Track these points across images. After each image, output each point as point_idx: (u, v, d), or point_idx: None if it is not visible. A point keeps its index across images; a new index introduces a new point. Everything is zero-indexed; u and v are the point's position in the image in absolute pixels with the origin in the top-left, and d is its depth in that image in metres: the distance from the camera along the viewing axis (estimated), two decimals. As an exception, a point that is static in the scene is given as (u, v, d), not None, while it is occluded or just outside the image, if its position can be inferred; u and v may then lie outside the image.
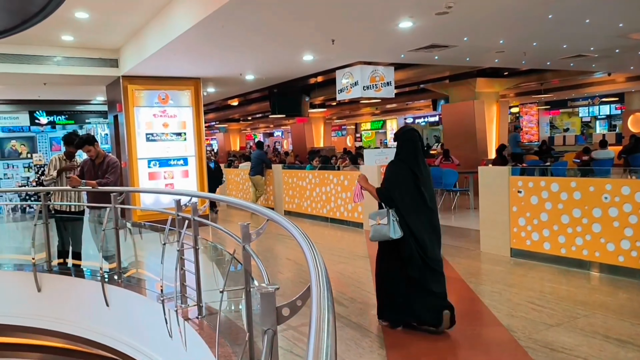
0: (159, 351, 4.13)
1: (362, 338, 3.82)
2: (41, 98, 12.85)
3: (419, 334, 3.88)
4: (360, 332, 3.94)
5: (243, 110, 19.12)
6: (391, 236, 3.76)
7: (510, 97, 18.95)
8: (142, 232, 5.88)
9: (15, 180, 13.58)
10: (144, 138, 9.18)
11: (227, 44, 6.95)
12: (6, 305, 5.63)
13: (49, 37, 7.71)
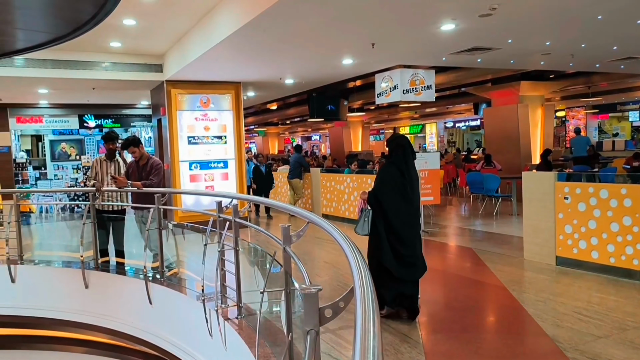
0: (200, 350, 4.20)
1: (400, 343, 3.77)
2: (90, 102, 13.38)
3: (460, 341, 3.80)
4: (398, 338, 3.89)
5: (282, 114, 19.30)
6: (357, 231, 4.34)
7: (556, 100, 18.35)
8: (184, 232, 6.02)
9: (64, 180, 14.18)
10: (185, 141, 9.42)
11: (267, 48, 7.04)
12: (55, 300, 5.86)
13: (99, 44, 8.02)
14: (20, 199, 6.65)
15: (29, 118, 13.47)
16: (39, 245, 7.69)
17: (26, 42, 6.21)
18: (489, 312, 4.88)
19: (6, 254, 6.18)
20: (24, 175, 13.66)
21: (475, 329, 4.17)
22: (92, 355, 6.01)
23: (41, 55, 7.95)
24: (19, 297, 5.96)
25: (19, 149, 14.06)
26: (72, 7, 4.80)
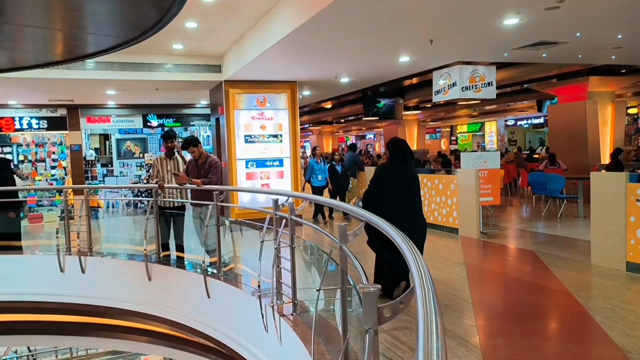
0: (256, 344, 4.28)
1: (457, 347, 3.67)
2: (153, 103, 13.98)
3: (521, 348, 3.65)
4: (455, 341, 3.79)
5: (336, 112, 19.33)
6: None
7: (628, 96, 17.25)
8: (239, 229, 6.16)
9: (129, 177, 14.90)
10: (242, 139, 9.64)
11: (323, 48, 7.07)
12: (121, 291, 6.16)
13: (162, 46, 8.36)
14: (90, 194, 7.04)
15: (98, 118, 14.24)
16: (105, 238, 8.11)
17: (96, 46, 6.54)
18: (553, 318, 4.66)
19: (77, 246, 6.56)
20: (93, 172, 14.47)
21: (538, 335, 3.99)
22: (154, 344, 6.26)
23: (109, 59, 8.38)
24: (89, 287, 6.30)
25: (89, 147, 14.90)
26: (138, 12, 5.01)
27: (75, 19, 5.39)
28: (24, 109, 13.32)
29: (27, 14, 4.75)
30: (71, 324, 6.52)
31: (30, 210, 12.95)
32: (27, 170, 13.85)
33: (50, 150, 14.24)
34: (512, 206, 11.83)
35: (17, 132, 13.63)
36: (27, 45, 6.38)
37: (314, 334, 2.85)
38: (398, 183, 4.79)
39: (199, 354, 5.73)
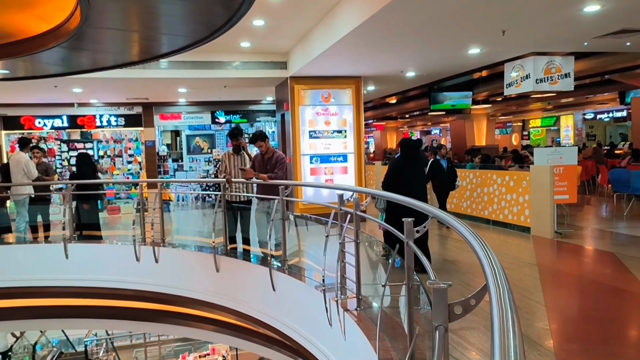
0: (319, 338, 4.31)
1: (529, 350, 3.50)
2: (221, 100, 14.43)
3: (599, 354, 3.42)
4: (527, 344, 3.62)
5: (401, 107, 19.01)
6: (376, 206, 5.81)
7: None
8: (303, 223, 6.22)
9: (197, 172, 15.49)
10: (307, 135, 9.72)
11: (389, 42, 6.97)
12: (190, 281, 6.41)
13: (230, 45, 8.59)
14: (162, 188, 7.38)
15: (170, 115, 14.90)
16: (176, 230, 8.48)
17: (169, 46, 6.83)
18: (636, 324, 4.33)
19: (151, 237, 6.91)
20: (165, 166, 15.19)
21: (619, 342, 3.73)
22: (221, 334, 6.47)
23: (181, 58, 8.71)
24: (161, 276, 6.61)
25: (162, 143, 15.64)
26: (210, 12, 5.17)
27: (150, 21, 5.65)
28: (104, 107, 14.19)
29: (108, 17, 5.04)
30: (145, 310, 6.87)
31: (109, 202, 13.82)
32: (106, 165, 14.78)
33: (127, 146, 15.10)
34: (590, 205, 11.12)
35: (98, 129, 14.56)
36: (107, 46, 6.77)
37: (379, 330, 2.81)
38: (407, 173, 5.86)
39: (263, 345, 5.85)
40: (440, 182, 8.88)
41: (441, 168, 8.84)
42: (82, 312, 7.10)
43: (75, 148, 14.46)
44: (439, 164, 8.86)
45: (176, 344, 14.06)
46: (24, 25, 5.72)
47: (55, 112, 13.85)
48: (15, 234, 8.09)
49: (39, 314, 7.24)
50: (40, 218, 8.12)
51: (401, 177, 5.83)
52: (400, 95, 15.39)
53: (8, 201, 8.16)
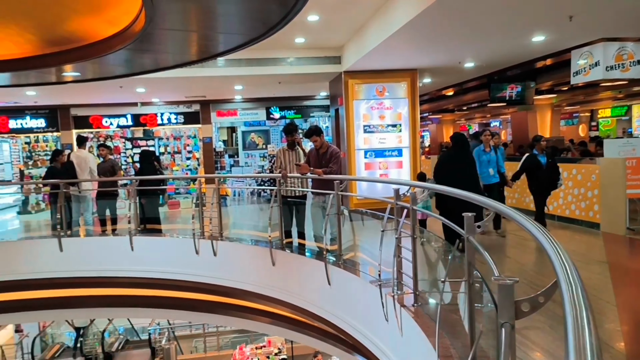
0: (376, 333, 4.27)
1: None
2: (275, 96, 14.61)
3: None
4: (598, 348, 3.41)
5: (458, 100, 18.50)
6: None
7: None
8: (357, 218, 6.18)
9: (253, 167, 15.79)
10: (361, 130, 9.66)
11: (447, 32, 6.77)
12: (247, 274, 6.54)
13: (285, 41, 8.66)
14: (220, 183, 7.57)
15: (226, 112, 15.26)
16: (233, 224, 8.67)
17: (226, 44, 6.98)
18: None
19: (210, 231, 7.10)
20: (222, 162, 15.60)
21: (703, 349, 3.45)
22: (276, 326, 6.57)
23: (237, 56, 8.90)
24: (219, 269, 6.79)
25: (218, 140, 16.07)
26: (265, 10, 5.23)
27: (208, 20, 5.80)
28: (165, 106, 14.74)
29: (169, 18, 5.20)
30: (204, 302, 7.09)
31: (169, 197, 14.37)
32: (167, 161, 15.37)
33: (186, 143, 15.63)
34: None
35: (159, 127, 15.15)
36: (168, 47, 7.01)
37: (438, 326, 2.74)
38: (454, 166, 6.25)
39: (319, 339, 5.88)
40: (538, 181, 7.52)
41: (539, 164, 7.50)
42: (146, 302, 7.42)
43: (138, 145, 15.13)
44: (536, 160, 7.52)
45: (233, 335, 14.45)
46: (93, 29, 6.03)
47: (121, 112, 14.55)
48: (84, 227, 8.59)
49: (107, 303, 7.65)
50: (108, 212, 8.56)
51: (446, 170, 6.33)
52: (457, 87, 14.99)
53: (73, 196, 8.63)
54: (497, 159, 7.80)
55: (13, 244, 8.10)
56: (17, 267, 7.31)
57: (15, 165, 16.09)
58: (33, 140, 15.53)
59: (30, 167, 15.56)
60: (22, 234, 12.56)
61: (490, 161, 7.70)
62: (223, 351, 13.38)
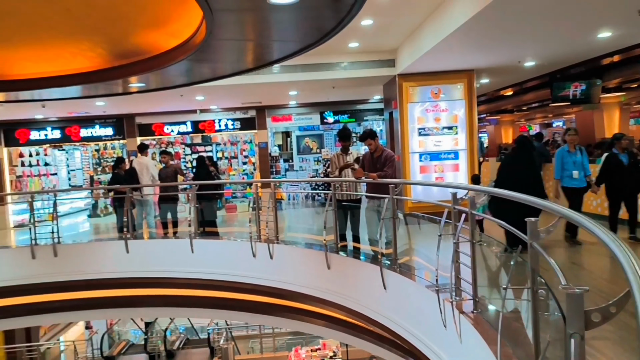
0: (433, 339, 4.21)
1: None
2: (329, 100, 14.72)
3: None
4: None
5: (517, 100, 17.87)
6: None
7: None
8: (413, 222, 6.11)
9: (307, 171, 15.96)
10: (416, 133, 9.55)
11: (506, 31, 6.58)
12: (303, 277, 6.61)
13: (339, 46, 8.71)
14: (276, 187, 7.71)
15: (281, 117, 15.53)
16: (288, 228, 8.80)
17: (280, 52, 7.13)
18: None
19: (266, 234, 7.24)
20: (277, 167, 15.87)
21: None
22: (331, 329, 6.59)
23: (292, 62, 9.03)
24: (276, 272, 6.91)
25: (273, 144, 16.36)
26: (320, 17, 5.30)
27: (263, 29, 5.94)
28: (222, 112, 15.20)
29: (228, 29, 5.38)
30: (261, 303, 7.22)
31: (226, 201, 14.78)
32: (224, 166, 15.82)
33: (242, 148, 16.03)
34: None
35: (217, 133, 15.64)
36: (225, 56, 7.24)
37: (500, 335, 2.67)
38: (516, 168, 6.24)
39: (374, 343, 5.86)
40: (619, 183, 6.99)
41: (620, 165, 6.98)
42: (205, 303, 7.66)
43: (197, 151, 15.68)
44: (617, 160, 7.00)
45: (289, 337, 14.62)
46: (157, 42, 6.34)
47: (181, 119, 15.14)
48: (148, 230, 9.01)
49: (169, 302, 7.96)
50: (169, 215, 8.93)
51: (506, 172, 6.39)
52: (516, 87, 14.50)
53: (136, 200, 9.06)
54: (582, 161, 7.15)
55: (84, 245, 8.63)
56: (87, 267, 7.74)
57: (86, 171, 17.12)
58: (102, 147, 16.48)
59: (99, 173, 16.51)
60: (92, 236, 13.36)
61: (575, 163, 7.10)
62: (279, 352, 13.58)
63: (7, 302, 7.52)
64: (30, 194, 8.87)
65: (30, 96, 9.24)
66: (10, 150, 14.96)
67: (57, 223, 7.79)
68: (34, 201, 8.26)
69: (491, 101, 18.77)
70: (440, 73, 9.40)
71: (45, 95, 9.26)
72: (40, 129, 14.80)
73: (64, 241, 7.88)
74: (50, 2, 4.89)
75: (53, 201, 8.21)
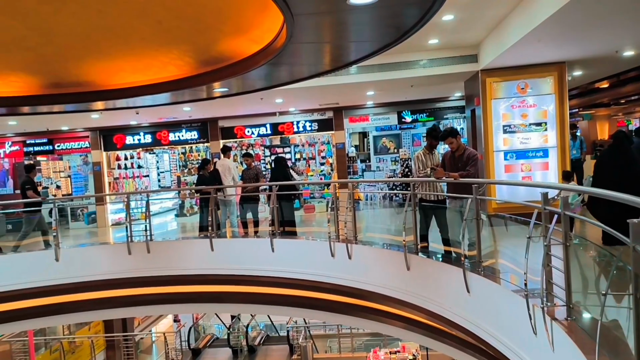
0: (522, 346, 4.01)
1: None
2: (407, 99, 14.49)
3: None
4: None
5: (614, 92, 16.52)
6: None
7: None
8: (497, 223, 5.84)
9: (384, 172, 15.82)
10: (501, 130, 9.15)
11: (602, 19, 6.13)
12: (381, 277, 6.54)
13: (417, 44, 8.57)
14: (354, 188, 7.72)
15: (358, 117, 15.52)
16: (366, 228, 8.76)
17: (357, 53, 7.10)
18: None
19: (344, 234, 7.27)
20: (354, 167, 15.89)
21: None
22: (410, 332, 6.48)
23: (370, 62, 8.99)
24: (354, 272, 6.90)
25: (350, 145, 16.40)
26: (400, 15, 5.22)
27: (341, 31, 5.96)
28: (300, 114, 15.48)
29: (307, 33, 5.47)
30: (339, 303, 7.26)
31: (305, 201, 15.03)
32: (302, 167, 16.10)
33: (320, 149, 16.23)
34: None
35: (295, 135, 15.95)
36: (303, 59, 7.35)
37: (599, 344, 2.48)
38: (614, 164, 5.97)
39: (456, 347, 5.69)
40: None
41: None
42: (285, 301, 7.84)
43: (276, 153, 16.10)
44: None
45: (367, 338, 14.57)
46: (239, 48, 6.59)
47: (261, 122, 15.62)
48: (230, 229, 9.38)
49: (250, 300, 8.24)
50: (250, 215, 9.25)
51: (604, 170, 6.15)
52: (613, 79, 13.44)
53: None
54: None
55: (173, 243, 9.16)
56: (176, 264, 8.21)
57: (174, 173, 18.21)
58: (187, 150, 17.44)
59: (185, 175, 17.48)
60: (179, 234, 14.16)
61: None
62: (357, 353, 13.58)
63: (107, 294, 8.16)
64: (126, 194, 9.55)
65: (125, 104, 9.97)
66: (109, 155, 16.23)
67: (149, 221, 8.34)
68: (130, 201, 8.90)
69: (584, 95, 17.51)
70: (528, 67, 8.93)
71: (139, 102, 9.95)
72: (134, 134, 15.93)
73: (155, 239, 8.41)
74: (144, 16, 5.25)
75: (146, 201, 8.79)
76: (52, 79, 7.49)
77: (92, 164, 15.92)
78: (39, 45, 5.90)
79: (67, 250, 8.28)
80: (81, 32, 5.58)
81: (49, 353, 15.32)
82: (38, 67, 6.94)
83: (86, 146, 16.06)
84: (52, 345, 15.58)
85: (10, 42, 5.71)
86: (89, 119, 13.46)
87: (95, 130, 15.65)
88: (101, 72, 7.43)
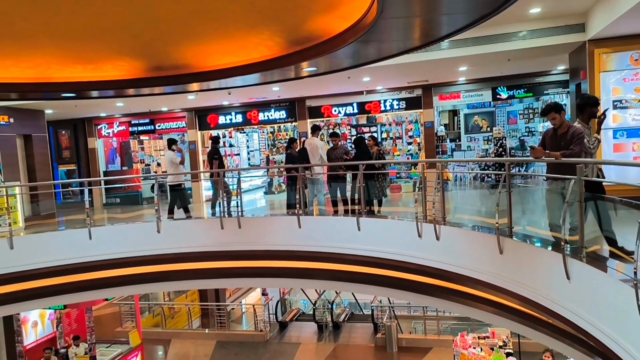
0: (629, 339, 3.71)
1: None
2: (503, 74, 13.68)
3: None
4: None
5: None
6: None
7: None
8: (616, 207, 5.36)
9: (475, 151, 15.16)
10: (610, 106, 8.38)
11: None
12: (471, 260, 6.32)
13: (516, 14, 8.02)
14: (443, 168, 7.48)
15: (449, 95, 14.94)
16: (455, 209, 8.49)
17: (450, 27, 6.78)
18: None
19: (432, 215, 7.09)
20: (443, 147, 15.41)
21: None
22: (501, 317, 6.24)
23: (463, 36, 8.57)
24: (442, 253, 6.73)
25: (439, 124, 15.88)
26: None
27: (432, 3, 5.71)
28: (388, 93, 15.22)
29: (397, 6, 5.31)
30: (425, 284, 7.15)
31: (391, 181, 14.88)
32: (389, 146, 15.90)
33: (407, 128, 15.90)
34: None
35: (382, 113, 15.75)
36: (392, 35, 7.17)
37: None
38: None
39: (551, 336, 5.43)
40: None
41: None
42: (370, 279, 7.86)
43: (362, 132, 16.02)
44: None
45: (453, 322, 14.29)
46: (328, 26, 6.58)
47: (348, 100, 15.60)
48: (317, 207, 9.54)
49: (336, 277, 8.35)
50: (338, 194, 9.33)
51: None
52: None
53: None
54: None
55: (262, 219, 9.51)
56: (264, 239, 8.53)
57: (263, 152, 18.82)
58: (276, 129, 17.90)
59: (274, 154, 18.01)
60: (268, 211, 14.67)
61: None
62: (443, 336, 13.40)
63: (201, 265, 8.70)
64: (219, 172, 10.02)
65: (218, 85, 10.40)
66: (203, 134, 17.12)
67: (240, 198, 8.70)
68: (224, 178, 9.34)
69: None
70: (643, 35, 8.05)
71: (231, 83, 10.33)
72: (226, 114, 16.64)
73: (245, 215, 8.78)
74: (237, -3, 5.39)
75: (237, 179, 9.17)
76: (153, 62, 8.00)
77: (188, 142, 16.88)
78: (142, 31, 6.31)
79: (167, 222, 8.90)
80: (180, 17, 5.87)
81: (151, 317, 16.80)
82: (142, 52, 7.43)
83: (183, 126, 17.06)
84: (154, 310, 17.05)
85: (118, 29, 6.16)
86: (185, 100, 14.26)
87: (191, 110, 16.57)
88: (197, 54, 7.79)
